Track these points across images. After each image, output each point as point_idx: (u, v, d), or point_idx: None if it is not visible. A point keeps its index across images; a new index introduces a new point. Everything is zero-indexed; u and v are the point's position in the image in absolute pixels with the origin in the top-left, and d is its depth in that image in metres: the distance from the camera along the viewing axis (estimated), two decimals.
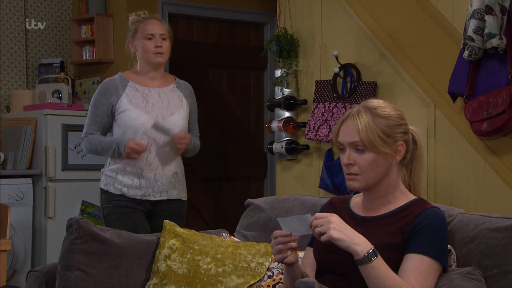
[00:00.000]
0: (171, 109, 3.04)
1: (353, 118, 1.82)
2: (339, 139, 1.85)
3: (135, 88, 3.02)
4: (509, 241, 1.84)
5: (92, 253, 2.19)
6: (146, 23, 3.04)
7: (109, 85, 3.03)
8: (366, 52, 3.72)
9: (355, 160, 1.81)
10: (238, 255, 2.21)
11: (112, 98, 2.99)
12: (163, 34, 3.04)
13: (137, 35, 3.04)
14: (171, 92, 3.09)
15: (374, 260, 1.71)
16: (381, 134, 1.80)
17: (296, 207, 2.39)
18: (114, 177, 3.01)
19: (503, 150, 3.15)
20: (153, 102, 3.01)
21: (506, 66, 3.06)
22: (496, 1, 3.01)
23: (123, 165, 2.99)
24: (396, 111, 1.86)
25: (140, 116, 2.96)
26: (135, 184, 2.98)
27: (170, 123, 3.00)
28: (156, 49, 3.00)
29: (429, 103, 3.44)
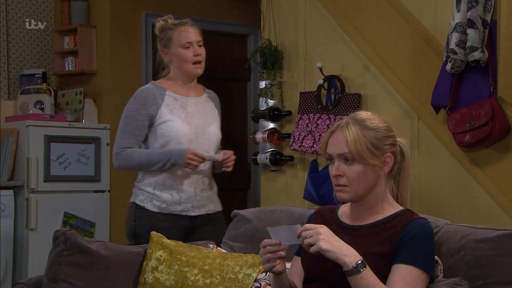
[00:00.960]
0: (208, 120, 2.88)
1: (342, 130, 1.83)
2: (327, 150, 1.86)
3: (174, 97, 2.83)
4: (495, 252, 1.86)
5: (79, 265, 2.17)
6: (181, 30, 2.82)
7: (147, 95, 2.80)
8: (350, 64, 3.76)
9: (343, 171, 1.83)
10: (226, 266, 2.21)
11: (152, 109, 2.77)
12: (200, 41, 2.86)
13: (172, 44, 2.81)
14: (205, 102, 2.92)
15: (363, 271, 1.72)
16: (369, 146, 1.82)
17: (283, 218, 2.40)
18: (152, 193, 2.80)
19: (486, 161, 3.19)
20: (192, 112, 2.84)
21: (488, 79, 3.11)
22: (478, 14, 3.06)
23: (162, 179, 2.79)
24: (385, 123, 1.88)
25: (182, 127, 2.79)
26: (175, 199, 2.79)
27: (210, 134, 2.86)
28: (196, 58, 2.82)
29: (412, 115, 3.48)
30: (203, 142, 2.82)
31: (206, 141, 2.83)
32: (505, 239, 1.87)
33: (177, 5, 5.17)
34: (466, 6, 3.07)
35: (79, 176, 4.61)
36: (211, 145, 2.85)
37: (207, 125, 2.85)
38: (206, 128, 2.84)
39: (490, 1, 3.07)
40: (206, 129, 2.84)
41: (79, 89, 4.91)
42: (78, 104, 4.88)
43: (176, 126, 2.77)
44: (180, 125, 2.78)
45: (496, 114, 3.04)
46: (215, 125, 2.91)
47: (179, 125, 2.78)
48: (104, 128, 4.78)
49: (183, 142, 2.77)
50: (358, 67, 3.72)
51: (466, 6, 3.07)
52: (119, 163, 2.82)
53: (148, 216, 2.80)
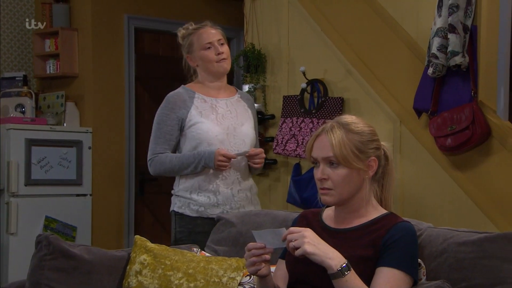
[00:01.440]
0: (240, 120, 2.86)
1: (327, 133, 1.85)
2: (312, 154, 1.87)
3: (203, 99, 2.83)
4: (477, 254, 1.88)
5: (61, 270, 2.16)
6: (200, 33, 2.85)
7: (176, 99, 2.82)
8: (333, 68, 3.78)
9: (328, 175, 1.84)
10: (210, 270, 2.20)
11: (181, 112, 2.78)
12: (220, 39, 2.86)
13: (194, 48, 2.85)
14: (237, 103, 2.91)
15: (347, 274, 1.73)
16: (354, 149, 1.83)
17: (267, 222, 2.40)
18: (189, 197, 2.78)
19: (467, 165, 3.22)
20: (223, 113, 2.83)
21: (469, 83, 3.15)
22: (458, 20, 3.09)
23: (198, 182, 2.77)
24: (369, 127, 1.89)
25: (213, 128, 2.77)
26: (212, 202, 2.76)
27: (242, 134, 2.83)
28: (219, 57, 2.82)
29: (394, 119, 3.50)
30: (236, 142, 2.80)
31: (239, 141, 2.81)
32: (487, 242, 1.89)
33: (160, 9, 5.17)
34: (447, 12, 3.11)
35: (61, 180, 4.57)
36: (244, 145, 2.82)
37: (239, 125, 2.83)
38: (238, 128, 2.83)
39: (471, 7, 3.11)
40: (238, 129, 2.82)
41: (60, 92, 4.88)
42: (60, 107, 4.85)
43: (206, 128, 2.76)
44: (210, 126, 2.77)
45: (477, 118, 3.07)
46: (248, 125, 2.88)
47: (209, 126, 2.77)
48: (86, 131, 4.75)
49: (214, 143, 2.75)
50: (341, 71, 3.74)
51: (447, 12, 3.11)
52: (153, 169, 2.81)
53: (187, 222, 2.78)
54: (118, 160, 4.93)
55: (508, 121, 3.12)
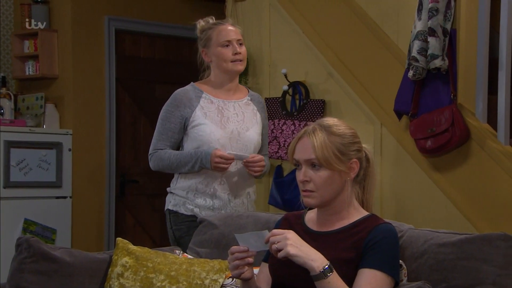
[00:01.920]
0: (246, 124, 2.79)
1: (309, 136, 1.86)
2: (295, 156, 1.88)
3: (210, 100, 2.77)
4: (456, 255, 1.90)
5: (42, 273, 2.14)
6: (220, 29, 2.77)
7: (182, 96, 2.75)
8: (314, 71, 3.79)
9: (311, 177, 1.85)
10: (192, 272, 2.20)
11: (186, 111, 2.73)
12: (240, 39, 2.79)
13: (211, 43, 2.77)
14: (246, 106, 2.84)
15: (330, 276, 1.74)
16: (336, 151, 1.84)
17: (249, 224, 2.41)
18: (185, 197, 2.75)
19: (446, 167, 3.25)
20: (229, 116, 2.77)
21: (448, 86, 3.18)
22: (438, 23, 3.12)
23: (195, 184, 2.73)
24: (350, 129, 1.91)
25: (215, 131, 2.71)
26: (208, 205, 2.72)
27: (246, 139, 2.77)
28: (235, 57, 2.75)
29: (375, 121, 3.53)
30: (238, 147, 2.75)
31: (242, 146, 2.76)
32: (466, 243, 1.91)
33: (140, 10, 5.15)
34: (427, 15, 3.14)
35: (40, 182, 4.54)
36: (246, 150, 2.76)
37: (244, 130, 2.77)
38: (243, 132, 2.77)
39: (450, 10, 3.14)
40: (243, 134, 2.76)
41: (40, 94, 4.84)
42: (39, 109, 4.81)
43: (209, 130, 2.71)
44: (212, 129, 2.71)
45: (456, 121, 3.10)
46: (254, 130, 2.81)
47: (211, 129, 2.71)
48: (66, 133, 4.72)
49: (216, 147, 2.70)
50: (322, 74, 3.76)
51: (427, 15, 3.14)
52: (152, 164, 2.79)
53: (182, 219, 2.75)
54: (98, 162, 4.90)
55: (486, 123, 3.16)
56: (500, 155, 3.05)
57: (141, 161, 5.14)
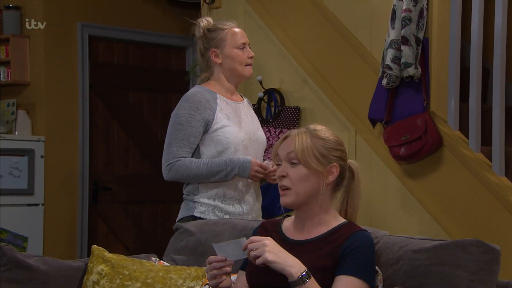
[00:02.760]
0: (256, 125, 2.77)
1: (293, 136, 1.90)
2: (278, 152, 1.92)
3: (225, 101, 2.69)
4: (431, 261, 1.92)
5: (16, 281, 2.12)
6: (234, 31, 2.71)
7: (200, 98, 2.60)
8: (289, 78, 3.82)
9: (287, 172, 1.88)
10: (169, 279, 2.20)
11: (207, 113, 2.59)
12: (249, 43, 2.80)
13: (225, 44, 2.68)
14: (249, 107, 2.83)
15: (307, 282, 1.75)
16: (316, 152, 1.87)
17: (226, 231, 2.41)
18: (214, 204, 2.63)
19: (420, 173, 3.30)
20: (243, 116, 2.71)
21: (421, 94, 3.23)
22: (411, 32, 3.17)
23: (223, 191, 2.62)
24: (336, 137, 1.94)
25: (239, 132, 2.63)
26: (238, 211, 2.64)
27: (260, 139, 2.74)
28: (249, 60, 2.73)
29: (350, 128, 3.56)
30: (255, 147, 2.70)
31: (259, 146, 2.73)
32: (440, 249, 1.93)
33: (114, 16, 5.13)
34: (400, 24, 3.19)
35: (11, 189, 4.48)
36: (260, 151, 2.74)
37: (256, 130, 2.75)
38: (256, 133, 2.74)
39: (423, 20, 3.19)
40: (257, 134, 2.73)
41: (11, 100, 4.79)
42: (11, 115, 4.75)
43: (234, 132, 2.62)
44: (236, 131, 2.63)
45: (429, 128, 3.15)
46: (261, 130, 2.81)
47: (235, 131, 2.63)
48: (39, 140, 4.67)
49: (240, 149, 2.62)
50: (297, 81, 3.79)
51: (400, 24, 3.19)
52: (173, 175, 2.60)
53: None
54: (71, 169, 4.86)
55: (458, 130, 3.22)
56: (472, 162, 3.11)
57: (114, 168, 5.11)
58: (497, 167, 3.04)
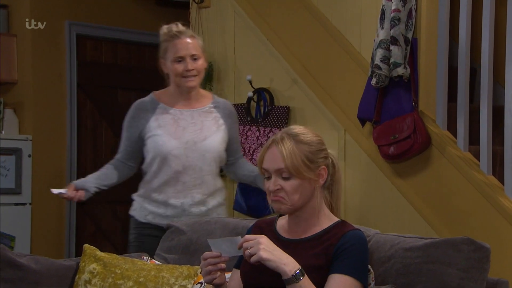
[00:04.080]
0: (204, 133, 2.77)
1: (277, 145, 1.87)
2: (264, 165, 1.90)
3: (166, 110, 2.77)
4: (422, 260, 1.94)
5: (8, 281, 2.11)
6: (176, 43, 2.73)
7: (138, 109, 2.79)
8: (279, 77, 3.83)
9: (281, 185, 1.87)
10: (161, 278, 2.20)
11: (141, 122, 2.76)
12: (195, 54, 2.74)
13: (167, 56, 2.75)
14: (207, 114, 2.81)
15: (301, 280, 1.77)
16: (305, 159, 1.87)
17: (217, 229, 2.41)
18: (141, 203, 2.79)
19: (409, 173, 3.32)
20: (185, 125, 2.76)
21: (410, 94, 3.25)
22: (400, 32, 3.19)
23: (148, 192, 2.77)
24: (317, 136, 1.94)
25: (168, 142, 2.71)
26: (161, 212, 2.74)
27: (203, 148, 2.74)
28: (187, 73, 2.72)
29: (339, 127, 3.58)
30: (195, 157, 2.73)
31: (199, 156, 2.73)
32: (431, 247, 1.95)
33: (102, 15, 5.11)
34: (389, 24, 3.21)
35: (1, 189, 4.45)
36: (204, 160, 2.75)
37: (201, 139, 2.75)
38: (199, 142, 2.75)
39: (411, 20, 3.22)
40: (199, 144, 2.74)
41: None
42: None
43: (162, 141, 2.71)
44: (166, 140, 2.71)
45: (418, 128, 3.18)
46: (214, 138, 2.78)
47: (164, 140, 2.72)
48: (26, 139, 4.64)
49: (170, 158, 2.71)
50: (286, 81, 3.80)
51: (389, 24, 3.21)
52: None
53: (137, 225, 2.78)
54: (59, 168, 4.83)
55: (446, 130, 3.24)
56: (460, 161, 3.13)
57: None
58: (485, 166, 3.07)
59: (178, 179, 2.73)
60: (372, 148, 3.41)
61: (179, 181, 2.73)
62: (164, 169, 2.73)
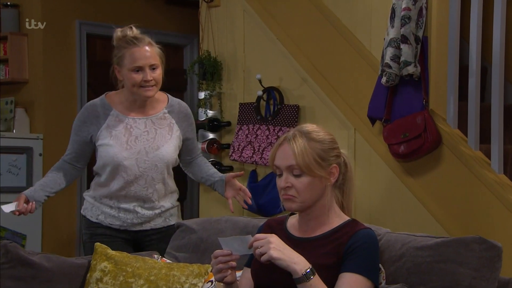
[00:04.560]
0: (157, 142, 2.67)
1: (289, 142, 1.88)
2: (275, 162, 1.90)
3: (118, 118, 2.66)
4: (433, 259, 1.93)
5: (20, 278, 2.12)
6: (133, 51, 2.60)
7: (90, 112, 2.67)
8: (288, 76, 3.83)
9: (292, 183, 1.87)
10: (172, 276, 2.20)
11: (92, 128, 2.66)
12: (154, 64, 2.60)
13: (123, 64, 2.62)
14: (160, 121, 2.70)
15: (312, 279, 1.76)
16: (316, 157, 1.87)
17: (228, 228, 2.42)
18: (92, 203, 2.73)
19: (419, 171, 3.31)
20: (137, 134, 2.66)
21: (420, 92, 3.24)
22: (410, 31, 3.19)
23: (99, 195, 2.71)
24: (329, 135, 1.94)
25: (119, 153, 2.63)
26: (113, 213, 2.68)
27: (156, 158, 2.66)
28: (144, 83, 2.58)
29: (349, 126, 3.58)
30: (147, 167, 2.66)
31: (151, 166, 2.67)
32: (443, 246, 1.95)
33: (112, 15, 5.12)
34: (400, 23, 3.20)
35: (10, 187, 4.47)
36: (157, 170, 2.68)
37: (153, 149, 2.67)
38: (152, 152, 2.66)
39: (422, 18, 3.21)
40: (152, 153, 2.66)
41: (9, 98, 4.78)
42: (9, 113, 4.75)
43: (113, 152, 2.64)
44: (117, 151, 2.63)
45: (428, 126, 3.17)
46: (168, 147, 2.69)
47: (115, 151, 2.64)
48: (37, 138, 4.67)
49: (121, 168, 2.64)
50: (296, 79, 3.80)
51: (399, 23, 3.20)
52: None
53: (89, 225, 2.73)
54: None
55: (457, 129, 3.23)
56: (471, 160, 3.12)
57: None
58: (496, 165, 3.06)
59: (129, 188, 2.66)
60: (382, 147, 3.41)
61: (131, 190, 2.66)
62: (116, 178, 2.66)
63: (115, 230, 2.69)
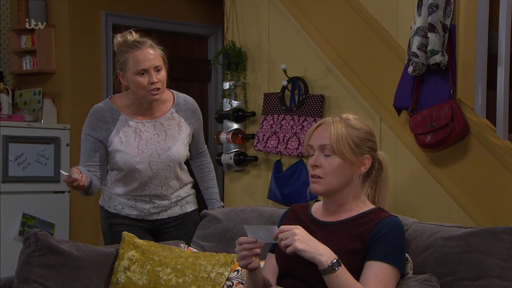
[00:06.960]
0: (168, 144, 2.67)
1: (328, 125, 1.90)
2: (310, 142, 1.92)
3: (127, 123, 2.65)
4: (462, 249, 1.92)
5: (50, 266, 2.15)
6: (137, 54, 2.55)
7: (98, 118, 2.65)
8: (313, 66, 3.81)
9: (321, 163, 1.89)
10: (198, 265, 2.22)
11: (102, 134, 2.64)
12: (158, 66, 2.58)
13: (127, 68, 2.57)
14: (169, 121, 2.70)
15: (338, 270, 1.76)
16: (350, 142, 1.88)
17: (253, 218, 2.42)
18: (110, 194, 2.74)
19: (445, 161, 3.28)
20: (148, 138, 2.66)
21: (448, 82, 3.21)
22: (438, 19, 3.15)
23: (115, 191, 2.72)
24: (368, 128, 1.96)
25: (132, 159, 2.63)
26: (130, 204, 2.71)
27: (168, 159, 2.66)
28: (151, 86, 2.56)
29: (374, 116, 3.55)
30: (159, 168, 2.67)
31: (164, 167, 2.68)
32: (471, 236, 1.93)
33: (138, 6, 5.15)
34: (427, 11, 3.16)
35: (38, 177, 4.54)
36: (169, 169, 2.69)
37: (165, 150, 2.67)
38: (164, 153, 2.67)
39: (450, 6, 3.17)
40: (164, 155, 2.67)
41: (37, 89, 4.84)
42: (37, 104, 4.80)
43: (125, 158, 2.63)
44: (129, 157, 2.63)
45: (456, 116, 3.14)
46: (178, 146, 2.70)
47: (128, 157, 2.63)
48: (64, 128, 4.72)
49: (134, 171, 2.65)
50: (321, 69, 3.78)
51: (427, 11, 3.17)
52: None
53: (108, 215, 2.77)
54: None
55: (485, 118, 3.20)
56: (499, 150, 3.09)
57: None
58: None
59: (144, 187, 2.69)
60: (408, 137, 3.38)
61: (145, 189, 2.69)
62: (129, 179, 2.68)
63: (133, 219, 2.72)
